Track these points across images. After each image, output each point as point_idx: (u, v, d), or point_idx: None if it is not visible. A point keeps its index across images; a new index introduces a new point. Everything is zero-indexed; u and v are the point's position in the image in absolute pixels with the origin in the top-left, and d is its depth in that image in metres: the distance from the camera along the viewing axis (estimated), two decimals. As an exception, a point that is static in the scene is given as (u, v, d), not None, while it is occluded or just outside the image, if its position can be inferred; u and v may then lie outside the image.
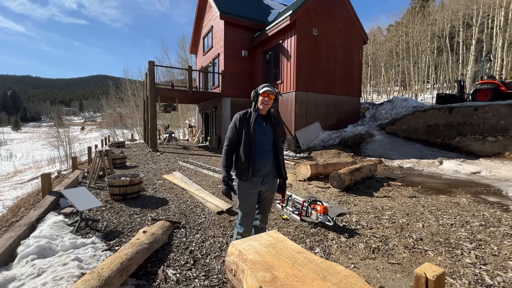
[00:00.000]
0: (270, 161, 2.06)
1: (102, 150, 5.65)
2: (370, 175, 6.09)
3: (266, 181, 2.06)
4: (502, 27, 21.42)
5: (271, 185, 2.11)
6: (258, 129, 2.03)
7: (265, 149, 2.05)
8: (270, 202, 2.18)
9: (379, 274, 2.25)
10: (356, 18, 12.04)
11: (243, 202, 2.06)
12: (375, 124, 11.73)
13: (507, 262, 2.41)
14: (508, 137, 8.12)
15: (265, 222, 2.21)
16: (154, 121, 11.02)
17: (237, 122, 2.04)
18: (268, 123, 2.09)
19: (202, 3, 15.50)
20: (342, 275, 0.95)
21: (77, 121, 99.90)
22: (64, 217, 3.37)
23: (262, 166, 2.02)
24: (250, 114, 2.07)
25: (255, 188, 2.05)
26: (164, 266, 2.35)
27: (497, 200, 4.41)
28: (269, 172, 2.06)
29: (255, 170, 2.00)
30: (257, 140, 2.01)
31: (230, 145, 2.06)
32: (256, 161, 2.00)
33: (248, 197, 2.05)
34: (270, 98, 2.03)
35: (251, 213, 2.09)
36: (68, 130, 31.93)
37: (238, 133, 2.03)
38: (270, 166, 2.06)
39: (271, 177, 2.08)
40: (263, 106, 2.04)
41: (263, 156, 2.02)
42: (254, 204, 2.10)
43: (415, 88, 27.81)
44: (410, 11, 31.27)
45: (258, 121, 2.05)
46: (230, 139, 2.06)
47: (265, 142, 2.05)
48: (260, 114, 2.07)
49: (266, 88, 2.02)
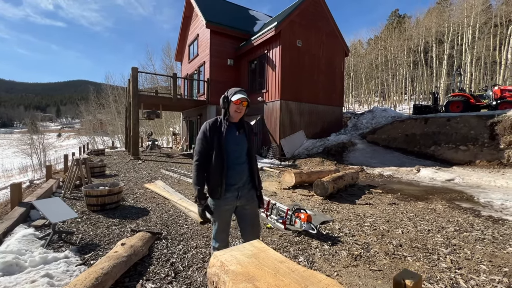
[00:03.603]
0: (245, 173, 1.87)
1: (79, 158, 5.41)
2: (353, 183, 6.24)
3: (241, 195, 1.85)
4: (470, 44, 23.18)
5: (249, 197, 1.90)
6: (231, 139, 1.83)
7: (239, 160, 1.85)
8: (255, 215, 1.94)
9: (361, 281, 2.28)
10: (338, 31, 12.57)
11: (218, 220, 1.87)
12: (357, 133, 12.12)
13: (479, 266, 2.52)
14: (478, 146, 8.66)
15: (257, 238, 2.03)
16: (136, 128, 10.73)
17: (206, 132, 1.82)
18: (241, 132, 1.88)
19: (188, 12, 15.57)
20: (323, 284, 0.96)
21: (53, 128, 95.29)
22: (35, 230, 3.16)
23: (236, 180, 1.82)
24: (221, 122, 1.86)
25: (230, 204, 1.85)
26: (143, 280, 2.25)
27: (469, 206, 4.65)
28: (243, 185, 1.86)
29: (228, 185, 1.80)
30: (230, 151, 1.82)
31: (200, 160, 1.82)
32: (230, 174, 1.81)
33: (222, 214, 1.86)
34: (244, 105, 1.82)
35: (226, 229, 1.91)
36: (43, 136, 30.28)
37: (209, 145, 1.82)
38: (245, 179, 1.87)
39: (246, 190, 1.88)
40: (236, 115, 1.84)
41: (237, 169, 1.83)
42: (229, 219, 1.92)
43: (394, 99, 29.16)
44: (388, 26, 33.12)
45: (230, 130, 1.84)
46: (200, 152, 1.83)
47: (239, 152, 1.86)
48: (231, 122, 1.87)
49: (240, 95, 1.79)
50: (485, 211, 4.35)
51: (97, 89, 36.39)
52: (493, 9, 22.95)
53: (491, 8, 23.17)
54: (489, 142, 8.53)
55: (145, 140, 19.54)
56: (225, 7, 15.31)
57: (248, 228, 1.91)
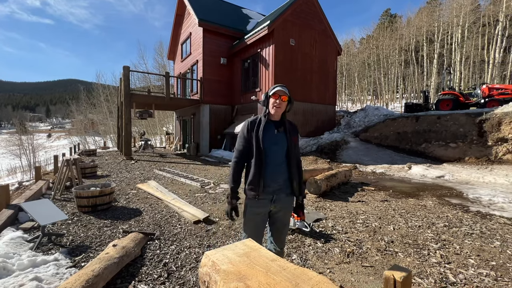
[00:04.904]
0: (282, 175, 1.74)
1: (69, 159, 5.30)
2: (346, 181, 6.30)
3: (276, 199, 1.74)
4: (459, 43, 23.65)
5: (284, 203, 1.78)
6: (268, 137, 1.73)
7: (276, 161, 1.73)
8: (284, 224, 1.84)
9: (353, 277, 2.31)
10: (330, 30, 12.64)
11: (248, 223, 1.78)
12: (350, 131, 12.24)
13: (468, 260, 2.59)
14: (467, 143, 8.85)
15: (281, 246, 1.86)
16: (128, 128, 10.59)
17: (245, 130, 1.76)
18: (281, 130, 1.77)
19: (180, 10, 15.41)
20: (314, 281, 0.96)
21: (43, 128, 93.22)
22: (24, 233, 3.09)
23: (271, 181, 1.71)
24: (260, 120, 1.78)
25: (264, 207, 1.74)
26: (135, 281, 2.23)
27: (459, 202, 4.75)
28: (280, 188, 1.74)
29: (263, 186, 1.71)
30: (266, 150, 1.71)
31: (238, 158, 1.78)
32: (266, 175, 1.71)
33: (254, 218, 1.76)
34: (283, 100, 1.72)
35: (258, 235, 1.78)
36: (32, 137, 29.56)
37: (248, 143, 1.75)
38: (282, 182, 1.74)
39: (283, 194, 1.76)
40: (275, 110, 1.74)
41: (273, 170, 1.72)
42: (261, 226, 1.79)
43: (386, 97, 29.55)
44: (379, 26, 33.49)
45: (268, 128, 1.75)
46: (239, 150, 1.78)
47: (276, 152, 1.74)
48: (271, 120, 1.78)
49: (278, 88, 1.72)
50: (474, 206, 4.46)
51: (88, 88, 35.72)
52: (482, 9, 23.44)
53: (480, 8, 23.67)
54: (477, 139, 8.74)
55: (137, 140, 19.30)
56: (217, 6, 15.21)
57: (274, 232, 1.85)
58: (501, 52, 20.46)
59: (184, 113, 15.22)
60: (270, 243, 1.88)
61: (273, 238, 1.85)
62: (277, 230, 1.83)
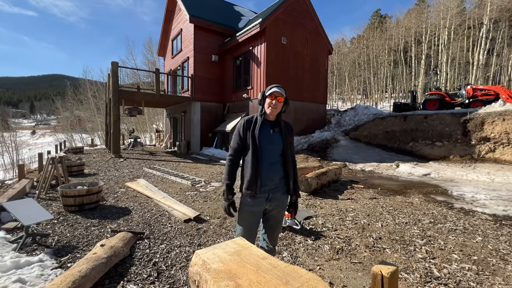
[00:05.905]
0: (277, 174, 1.79)
1: (55, 157, 5.14)
2: (336, 179, 6.39)
3: (272, 197, 1.78)
4: (446, 45, 24.29)
5: (279, 202, 1.83)
6: (264, 136, 1.77)
7: (272, 160, 1.77)
8: (278, 222, 1.89)
9: (343, 274, 2.35)
10: (322, 29, 12.72)
11: (242, 221, 1.81)
12: (340, 130, 12.41)
13: (451, 255, 2.68)
14: (452, 142, 9.14)
15: (273, 244, 1.92)
16: (117, 125, 10.36)
17: (241, 129, 1.80)
18: (276, 130, 1.81)
19: (171, 6, 15.14)
20: (304, 279, 0.98)
21: (27, 125, 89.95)
22: (6, 233, 2.99)
23: (267, 180, 1.75)
24: (256, 119, 1.82)
25: (259, 206, 1.78)
26: (124, 281, 2.19)
27: (443, 199, 4.91)
28: (276, 187, 1.79)
29: (261, 185, 1.75)
30: (262, 149, 1.75)
31: (234, 155, 1.82)
32: (263, 173, 1.75)
33: (249, 216, 1.79)
34: (279, 101, 1.76)
35: (252, 233, 1.81)
36: (15, 134, 28.52)
37: (243, 142, 1.79)
38: (277, 180, 1.79)
39: (279, 193, 1.80)
40: (271, 110, 1.77)
41: (269, 169, 1.76)
42: (255, 225, 1.83)
43: (376, 96, 30.09)
44: (370, 26, 33.96)
45: (264, 127, 1.79)
46: (234, 149, 1.82)
47: (272, 151, 1.78)
48: (267, 119, 1.82)
49: (274, 89, 1.75)
50: (458, 203, 4.61)
51: (74, 84, 34.63)
52: (467, 12, 24.15)
53: (465, 11, 24.36)
54: (462, 138, 9.03)
55: (126, 138, 18.92)
56: (209, 2, 15.03)
57: (268, 230, 1.89)
58: (485, 54, 21.17)
59: (175, 111, 15.02)
60: (262, 240, 1.93)
61: (266, 236, 1.89)
62: (270, 228, 1.88)
